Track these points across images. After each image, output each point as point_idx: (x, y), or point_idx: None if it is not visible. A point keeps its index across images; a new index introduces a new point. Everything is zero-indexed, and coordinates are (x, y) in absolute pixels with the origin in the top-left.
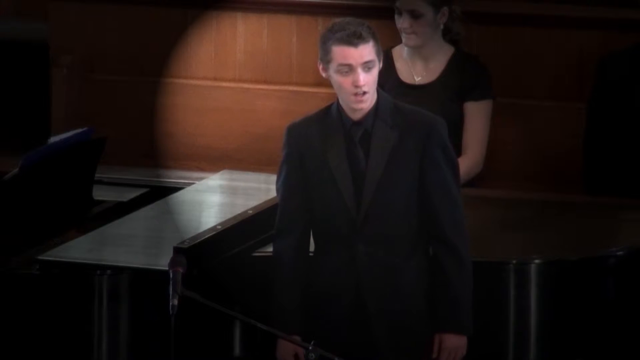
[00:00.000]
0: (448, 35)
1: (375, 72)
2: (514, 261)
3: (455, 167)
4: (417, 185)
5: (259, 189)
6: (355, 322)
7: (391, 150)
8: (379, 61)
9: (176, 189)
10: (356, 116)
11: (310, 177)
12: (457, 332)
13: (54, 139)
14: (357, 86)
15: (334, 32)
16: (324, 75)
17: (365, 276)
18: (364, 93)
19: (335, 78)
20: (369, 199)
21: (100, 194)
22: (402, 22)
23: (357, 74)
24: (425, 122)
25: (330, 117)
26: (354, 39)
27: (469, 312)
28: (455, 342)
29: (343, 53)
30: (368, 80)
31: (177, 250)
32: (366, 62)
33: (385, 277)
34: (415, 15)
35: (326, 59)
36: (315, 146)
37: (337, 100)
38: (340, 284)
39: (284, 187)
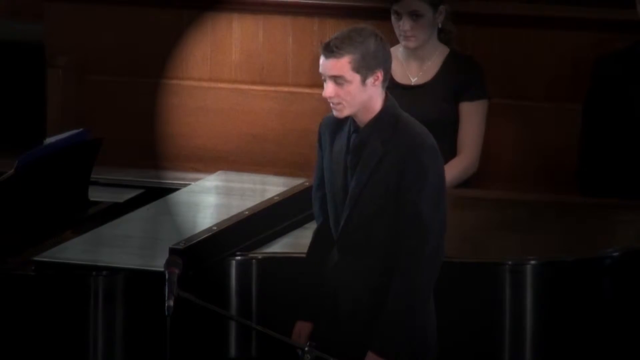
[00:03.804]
0: (441, 34)
1: (349, 87)
2: (510, 262)
3: (432, 192)
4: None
5: (255, 189)
6: (332, 320)
7: (375, 165)
8: (366, 76)
9: (172, 190)
10: (356, 123)
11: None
12: (378, 354)
13: (49, 140)
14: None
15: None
16: None
17: (342, 280)
18: (337, 103)
19: None
20: (348, 209)
21: (96, 194)
22: (403, 25)
23: (326, 84)
24: (408, 143)
25: (346, 120)
26: (325, 51)
27: (401, 340)
28: None
29: (320, 61)
30: (337, 92)
31: (173, 251)
32: (333, 77)
33: (354, 284)
34: (416, 17)
35: None
36: (327, 146)
37: None
38: (328, 283)
39: (314, 179)
